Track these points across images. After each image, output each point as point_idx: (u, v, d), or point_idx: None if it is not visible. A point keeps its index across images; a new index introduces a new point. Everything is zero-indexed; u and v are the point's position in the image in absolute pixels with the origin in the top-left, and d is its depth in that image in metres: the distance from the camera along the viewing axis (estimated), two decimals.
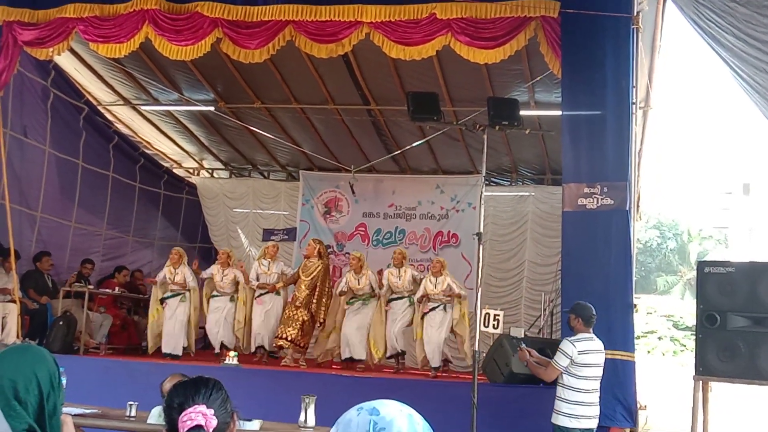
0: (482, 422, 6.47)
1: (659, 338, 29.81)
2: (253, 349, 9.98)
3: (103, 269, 11.76)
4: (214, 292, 10.15)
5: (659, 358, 27.73)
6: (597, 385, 6.05)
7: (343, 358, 9.73)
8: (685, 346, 29.36)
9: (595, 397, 6.04)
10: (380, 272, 10.09)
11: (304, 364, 9.58)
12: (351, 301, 9.72)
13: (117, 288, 10.93)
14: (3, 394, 2.22)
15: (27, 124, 10.50)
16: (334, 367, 9.88)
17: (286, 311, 9.80)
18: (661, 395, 13.09)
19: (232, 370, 8.51)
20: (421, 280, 9.52)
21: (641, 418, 7.35)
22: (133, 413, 5.57)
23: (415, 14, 7.75)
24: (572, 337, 6.07)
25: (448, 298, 9.23)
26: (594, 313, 6.11)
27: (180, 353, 9.72)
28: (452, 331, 9.27)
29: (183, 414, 2.22)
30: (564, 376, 6.01)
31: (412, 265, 12.71)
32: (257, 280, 10.09)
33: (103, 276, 11.59)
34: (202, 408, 2.23)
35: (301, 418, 5.45)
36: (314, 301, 9.82)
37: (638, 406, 6.97)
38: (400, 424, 1.56)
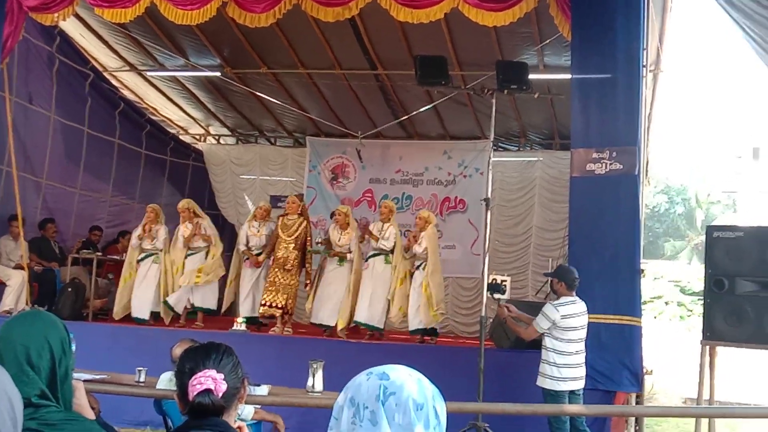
0: (489, 387, 6.51)
1: (666, 303, 29.82)
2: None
3: (109, 235, 11.78)
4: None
5: (666, 323, 27.76)
6: (582, 346, 6.12)
7: (314, 321, 9.45)
8: (692, 311, 29.38)
9: (580, 359, 6.10)
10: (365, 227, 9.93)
11: (290, 330, 9.36)
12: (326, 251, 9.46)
13: (122, 254, 10.94)
14: (16, 359, 2.23)
15: (32, 91, 10.46)
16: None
17: (272, 276, 9.34)
18: (668, 360, 13.12)
19: (241, 335, 8.57)
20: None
21: (647, 383, 7.39)
22: (143, 378, 5.63)
23: None
24: (556, 301, 6.12)
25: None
26: (577, 276, 6.15)
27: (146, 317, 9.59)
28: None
29: (193, 378, 2.23)
30: (548, 339, 6.07)
31: None
32: (246, 243, 9.81)
33: (107, 242, 11.63)
34: (213, 372, 2.24)
35: (309, 383, 5.50)
36: (308, 261, 9.58)
37: (644, 370, 7.01)
38: (410, 389, 1.56)
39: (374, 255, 9.36)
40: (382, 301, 9.16)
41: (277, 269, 9.34)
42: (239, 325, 8.89)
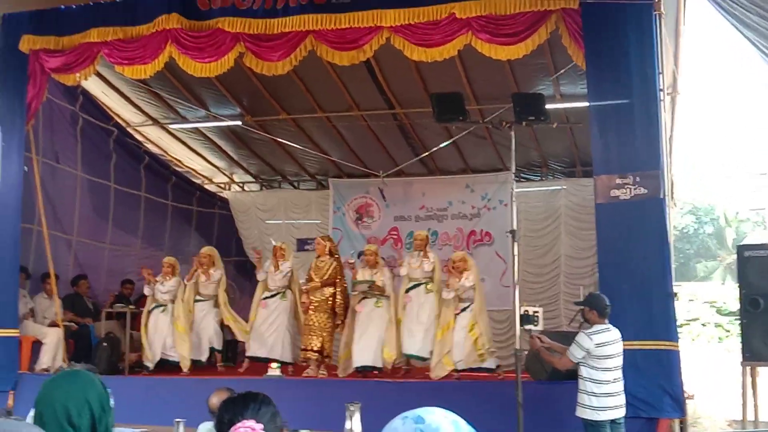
0: (528, 421, 6.43)
1: (703, 325, 29.31)
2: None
3: (140, 288, 11.85)
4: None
5: (704, 345, 27.28)
6: (619, 374, 6.03)
7: (356, 366, 9.17)
8: (729, 331, 28.86)
9: (619, 387, 6.01)
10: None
11: (325, 372, 9.26)
12: (361, 294, 9.32)
13: None
14: (56, 420, 2.26)
15: (58, 150, 10.66)
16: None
17: (307, 319, 9.33)
18: (709, 383, 12.88)
19: (275, 381, 8.56)
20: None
21: (690, 408, 7.27)
22: (181, 430, 5.62)
23: (434, 15, 7.74)
24: (589, 330, 6.04)
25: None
26: (608, 303, 6.08)
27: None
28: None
29: (232, 429, 2.24)
30: (584, 368, 5.99)
31: (446, 265, 12.75)
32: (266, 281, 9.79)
33: (139, 295, 11.71)
34: (252, 423, 2.24)
35: (347, 426, 5.45)
36: (338, 300, 9.40)
37: (686, 395, 6.90)
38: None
39: (414, 286, 9.28)
40: (432, 330, 9.03)
41: (312, 312, 9.33)
42: (273, 370, 8.88)
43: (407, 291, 9.36)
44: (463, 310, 9.00)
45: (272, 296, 9.72)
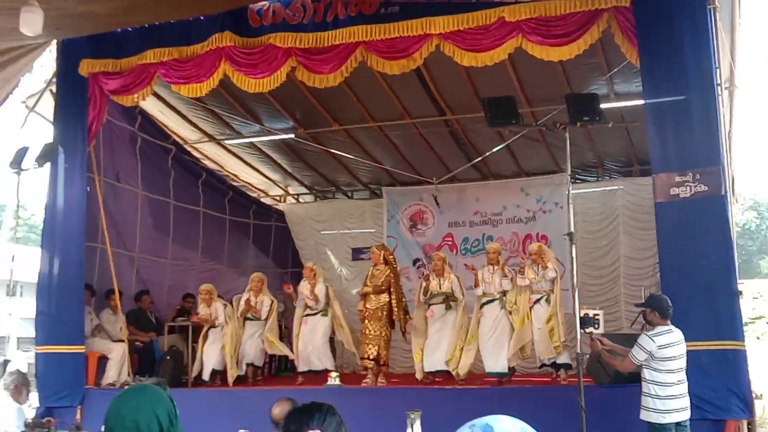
0: (592, 425, 6.35)
1: None
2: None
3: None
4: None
5: None
6: (683, 376, 5.91)
7: (427, 370, 9.30)
8: None
9: (683, 389, 5.89)
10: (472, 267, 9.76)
11: (384, 381, 9.28)
12: (432, 301, 9.33)
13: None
14: None
15: (119, 170, 10.92)
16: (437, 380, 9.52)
17: (364, 328, 9.44)
18: None
19: (336, 390, 8.60)
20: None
21: (758, 408, 7.10)
22: None
23: (483, 20, 7.73)
24: (651, 332, 5.94)
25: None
26: (670, 304, 5.96)
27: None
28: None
29: None
30: (647, 371, 5.89)
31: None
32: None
33: None
34: None
35: None
36: (394, 309, 9.41)
37: (754, 395, 6.74)
38: None
39: (488, 302, 9.21)
40: (504, 346, 8.96)
41: (368, 321, 9.39)
42: (333, 380, 8.93)
43: (480, 307, 9.28)
44: (537, 301, 8.96)
45: (314, 314, 9.94)
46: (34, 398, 8.90)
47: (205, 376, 9.92)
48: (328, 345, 10.01)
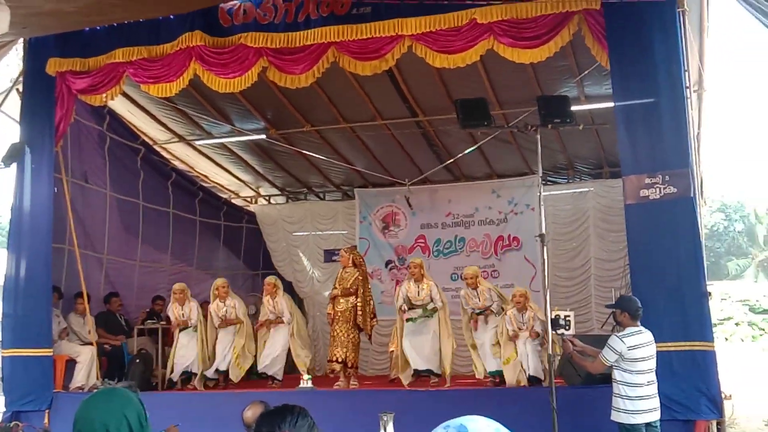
0: (563, 426, 6.39)
1: (736, 324, 29.00)
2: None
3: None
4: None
5: (738, 344, 26.96)
6: (653, 377, 5.97)
7: (416, 368, 9.20)
8: (764, 330, 28.51)
9: (653, 389, 5.95)
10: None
11: (356, 383, 9.25)
12: (411, 318, 9.26)
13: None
14: None
15: (87, 170, 10.78)
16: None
17: (333, 330, 9.40)
18: (746, 383, 12.71)
19: (307, 393, 8.56)
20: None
21: (727, 408, 7.17)
22: None
23: (455, 22, 7.74)
24: (621, 333, 5.99)
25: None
26: (640, 305, 6.02)
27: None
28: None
29: None
30: (617, 372, 5.95)
31: None
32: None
33: None
34: None
35: None
36: (359, 313, 9.32)
37: (723, 396, 6.80)
38: None
39: (480, 312, 9.28)
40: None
41: (337, 323, 9.34)
42: (305, 382, 8.89)
43: (476, 315, 9.32)
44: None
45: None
46: (0, 402, 8.77)
47: (175, 377, 9.80)
48: (285, 354, 9.93)
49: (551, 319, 6.62)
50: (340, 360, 9.17)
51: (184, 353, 9.84)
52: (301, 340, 10.05)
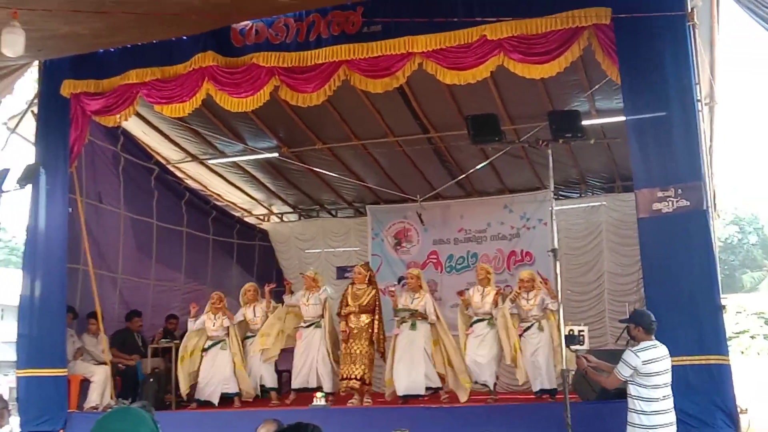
0: None
1: (752, 337, 28.79)
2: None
3: (185, 323, 11.96)
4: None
5: (754, 357, 26.73)
6: (669, 391, 5.92)
7: (401, 394, 9.00)
8: None
9: (668, 404, 5.89)
10: (461, 293, 9.56)
11: (370, 400, 9.14)
12: (400, 314, 9.18)
13: None
14: None
15: (101, 190, 10.86)
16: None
17: (347, 347, 9.21)
18: (762, 396, 12.58)
19: (321, 410, 8.54)
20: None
21: (743, 422, 7.10)
22: None
23: (465, 39, 7.77)
24: (636, 347, 5.94)
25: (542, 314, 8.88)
26: (654, 319, 5.97)
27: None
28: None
29: None
30: (632, 387, 5.89)
31: None
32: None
33: (185, 329, 11.79)
34: None
35: None
36: (375, 329, 9.25)
37: (739, 410, 6.74)
38: None
39: (478, 321, 9.14)
40: (493, 363, 8.93)
41: (352, 340, 9.24)
42: (318, 400, 8.86)
43: (471, 325, 9.20)
44: (527, 329, 8.84)
45: (308, 326, 9.69)
46: (15, 422, 8.79)
47: (214, 399, 9.59)
48: (326, 363, 9.56)
49: (565, 335, 6.59)
50: (359, 377, 9.07)
51: (214, 373, 9.66)
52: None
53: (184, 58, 8.74)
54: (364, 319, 9.30)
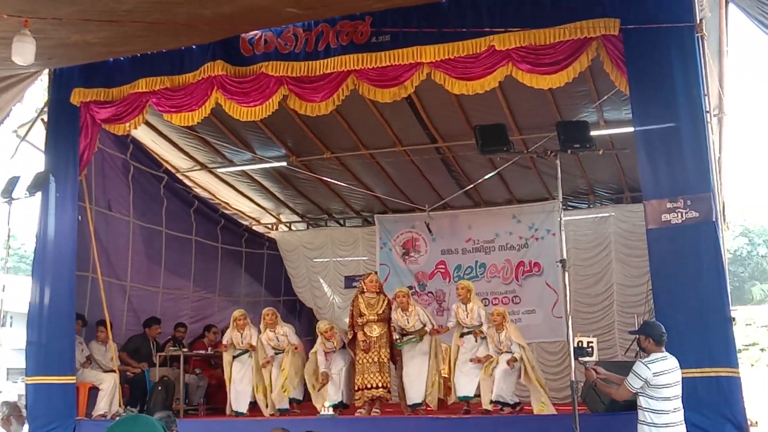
0: None
1: (761, 350, 28.60)
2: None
3: (193, 331, 11.99)
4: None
5: (764, 370, 26.56)
6: (679, 403, 5.88)
7: (410, 404, 9.10)
8: None
9: (679, 416, 5.85)
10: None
11: (378, 410, 9.11)
12: (400, 343, 9.21)
13: (208, 348, 11.07)
14: None
15: (111, 198, 10.90)
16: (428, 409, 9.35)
17: (365, 357, 9.12)
18: None
19: (329, 420, 8.53)
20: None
21: None
22: None
23: (473, 49, 7.78)
24: (646, 359, 5.91)
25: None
26: (664, 331, 5.94)
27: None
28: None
29: None
30: (643, 399, 5.86)
31: (496, 298, 12.64)
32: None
33: (193, 337, 11.83)
34: None
35: None
36: (390, 338, 9.27)
37: (749, 422, 6.70)
38: None
39: (467, 332, 9.19)
40: (478, 373, 8.94)
41: (374, 349, 9.13)
42: (326, 410, 8.85)
43: (461, 336, 9.26)
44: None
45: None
46: (25, 429, 8.81)
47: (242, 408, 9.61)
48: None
49: (574, 347, 6.56)
50: (385, 386, 9.04)
51: (243, 385, 9.69)
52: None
53: (194, 67, 8.78)
54: (382, 327, 9.27)
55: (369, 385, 9.07)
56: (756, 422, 7.10)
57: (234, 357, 9.88)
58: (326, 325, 9.65)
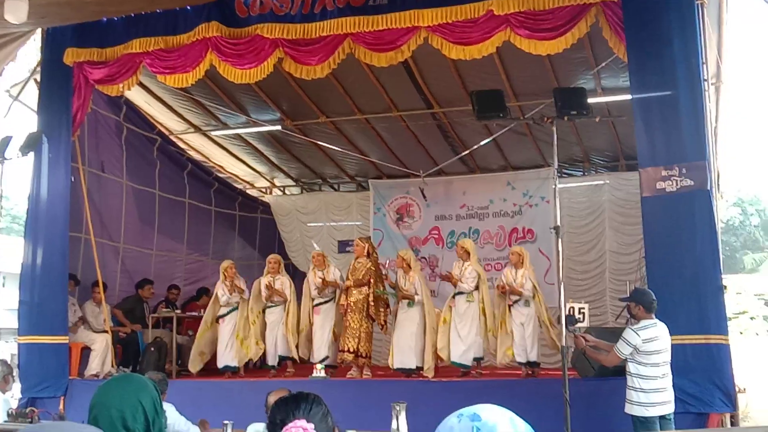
0: (576, 418, 6.37)
1: (751, 318, 28.84)
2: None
3: (186, 293, 12.03)
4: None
5: (753, 338, 26.82)
6: (668, 369, 5.95)
7: (394, 367, 9.20)
8: None
9: (667, 382, 5.93)
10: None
11: (369, 373, 9.27)
12: (379, 290, 9.34)
13: (201, 310, 11.08)
14: (112, 424, 2.29)
15: (104, 160, 10.86)
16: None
17: (345, 321, 9.37)
18: (760, 376, 12.65)
19: (321, 381, 8.60)
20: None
21: (741, 402, 7.14)
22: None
23: (472, 13, 7.71)
24: (636, 326, 5.97)
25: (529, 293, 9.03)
26: (654, 298, 6.00)
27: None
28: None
29: (284, 429, 2.25)
30: (632, 364, 5.93)
31: (488, 264, 12.67)
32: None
33: (186, 299, 11.86)
34: (303, 422, 2.24)
35: (393, 426, 5.46)
36: (371, 303, 9.31)
37: (737, 389, 6.77)
38: (503, 429, 1.55)
39: (458, 293, 9.26)
40: (468, 339, 9.05)
41: (349, 314, 9.34)
42: (318, 371, 8.92)
43: (453, 296, 9.36)
44: (516, 302, 9.05)
45: (324, 302, 9.78)
46: (16, 389, 8.85)
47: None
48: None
49: (565, 315, 6.60)
50: (351, 350, 9.19)
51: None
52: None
53: (188, 28, 8.68)
54: (362, 292, 9.36)
55: (341, 348, 9.32)
56: (744, 389, 7.18)
57: (219, 316, 9.89)
58: (316, 252, 10.04)
